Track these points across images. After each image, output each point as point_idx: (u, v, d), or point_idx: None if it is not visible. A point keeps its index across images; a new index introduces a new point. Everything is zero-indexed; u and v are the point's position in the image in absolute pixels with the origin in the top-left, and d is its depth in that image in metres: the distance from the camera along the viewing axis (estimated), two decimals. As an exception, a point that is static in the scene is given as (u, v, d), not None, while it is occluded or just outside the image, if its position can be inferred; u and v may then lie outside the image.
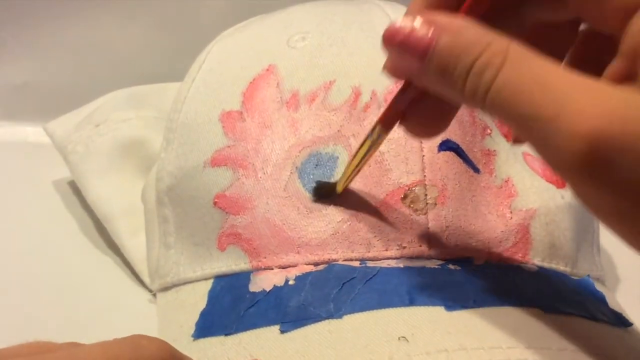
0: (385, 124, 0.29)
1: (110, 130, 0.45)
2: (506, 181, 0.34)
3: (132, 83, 0.51)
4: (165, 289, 0.37)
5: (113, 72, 0.61)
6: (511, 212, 0.33)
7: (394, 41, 0.24)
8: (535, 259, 0.33)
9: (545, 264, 0.33)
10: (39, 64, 0.61)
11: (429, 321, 0.27)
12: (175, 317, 0.34)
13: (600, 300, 0.33)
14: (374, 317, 0.28)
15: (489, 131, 0.36)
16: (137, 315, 0.37)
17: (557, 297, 0.30)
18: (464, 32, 0.23)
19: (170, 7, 0.60)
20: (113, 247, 0.43)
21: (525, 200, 0.34)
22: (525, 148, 0.38)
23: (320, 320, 0.28)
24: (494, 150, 0.35)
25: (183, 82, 0.39)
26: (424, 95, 0.26)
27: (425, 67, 0.23)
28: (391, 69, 0.26)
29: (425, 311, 0.27)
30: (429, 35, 0.23)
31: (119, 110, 0.47)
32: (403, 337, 0.26)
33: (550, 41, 0.27)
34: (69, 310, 0.38)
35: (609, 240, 0.40)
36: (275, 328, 0.29)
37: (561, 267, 0.34)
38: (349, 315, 0.28)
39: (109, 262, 0.43)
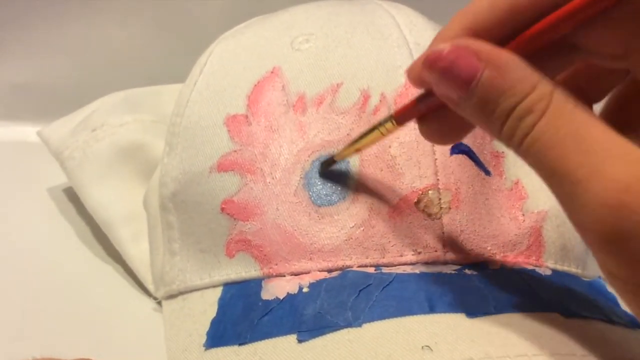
0: (399, 120, 0.28)
1: (108, 135, 0.44)
2: (516, 183, 0.34)
3: (132, 83, 0.50)
4: (171, 296, 0.36)
5: (113, 72, 0.61)
6: (523, 215, 0.33)
7: (436, 66, 0.23)
8: (549, 262, 0.33)
9: (558, 267, 0.33)
10: (39, 64, 0.61)
11: (452, 329, 0.26)
12: (183, 325, 0.33)
13: (613, 301, 0.33)
14: (394, 326, 0.27)
15: (496, 133, 0.35)
16: (143, 324, 0.37)
17: (573, 300, 0.30)
18: (510, 68, 0.22)
19: (171, 7, 0.59)
20: (113, 253, 0.42)
21: (536, 202, 0.34)
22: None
23: (338, 329, 0.28)
24: (502, 152, 0.35)
25: (184, 85, 0.38)
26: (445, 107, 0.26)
27: (464, 98, 0.23)
28: (416, 79, 0.26)
29: (447, 318, 0.27)
30: (474, 67, 0.22)
31: (115, 114, 0.46)
32: (427, 346, 0.26)
33: (594, 79, 0.26)
34: (73, 319, 0.37)
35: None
36: (292, 337, 0.28)
37: (573, 269, 0.34)
38: (368, 324, 0.27)
39: (110, 270, 0.42)
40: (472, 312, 0.27)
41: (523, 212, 0.33)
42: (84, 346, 0.35)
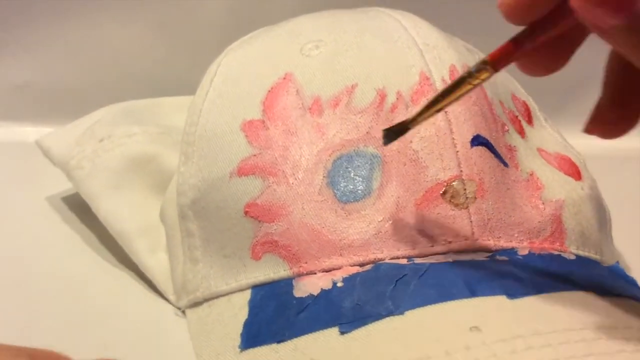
0: (497, 64, 0.26)
1: (116, 146, 0.44)
2: (531, 174, 0.35)
3: (132, 83, 0.50)
4: (196, 304, 0.36)
5: (113, 72, 0.61)
6: (543, 204, 0.34)
7: None
8: (571, 247, 0.34)
9: (580, 252, 0.34)
10: (39, 64, 0.60)
11: (496, 310, 0.27)
12: (213, 331, 0.33)
13: (634, 284, 0.33)
14: (437, 311, 0.27)
15: (506, 128, 0.36)
16: (166, 330, 0.36)
17: (603, 281, 0.31)
18: None
19: (171, 8, 0.59)
20: (118, 253, 0.42)
21: (552, 192, 0.35)
22: (539, 144, 0.39)
23: (380, 318, 0.28)
24: (514, 146, 0.36)
25: (196, 95, 0.39)
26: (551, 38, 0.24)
27: (618, 27, 0.21)
28: (515, 11, 0.24)
29: (489, 301, 0.27)
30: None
31: (120, 125, 0.45)
32: (475, 326, 0.26)
33: None
34: (94, 329, 0.36)
35: (615, 231, 0.41)
36: (333, 330, 0.28)
37: (592, 255, 0.35)
38: (410, 311, 0.28)
39: (118, 272, 0.41)
40: (513, 293, 0.28)
41: (542, 200, 0.34)
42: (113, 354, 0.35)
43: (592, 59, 0.64)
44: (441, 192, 0.32)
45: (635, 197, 0.54)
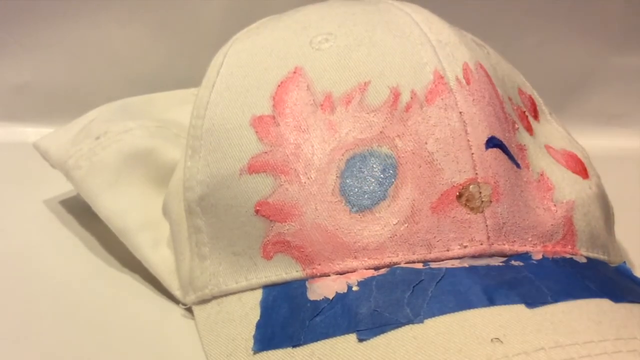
0: None
1: (113, 142, 0.43)
2: (541, 175, 0.35)
3: (132, 83, 0.50)
4: (204, 301, 0.35)
5: (113, 72, 0.60)
6: (555, 205, 0.34)
7: None
8: (582, 250, 0.34)
9: (590, 254, 0.34)
10: (39, 64, 0.60)
11: (516, 320, 0.27)
12: (223, 330, 0.33)
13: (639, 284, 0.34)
14: (457, 320, 0.27)
15: (516, 126, 0.36)
16: (175, 332, 0.36)
17: (615, 285, 0.31)
18: None
19: (171, 8, 0.59)
20: (124, 259, 0.41)
21: (562, 192, 0.35)
22: (546, 141, 0.39)
23: (399, 326, 0.28)
24: (524, 145, 0.36)
25: (201, 87, 0.38)
26: None
27: None
28: None
29: (508, 310, 0.27)
30: None
31: (116, 121, 0.45)
32: (496, 338, 0.26)
33: None
34: (95, 331, 0.36)
35: (617, 227, 0.41)
36: (351, 337, 0.28)
37: (601, 256, 0.35)
38: (430, 320, 0.28)
39: (124, 277, 0.41)
40: (531, 302, 0.28)
41: (554, 202, 0.34)
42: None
43: (592, 58, 0.65)
44: (456, 196, 0.32)
45: (636, 197, 0.54)
